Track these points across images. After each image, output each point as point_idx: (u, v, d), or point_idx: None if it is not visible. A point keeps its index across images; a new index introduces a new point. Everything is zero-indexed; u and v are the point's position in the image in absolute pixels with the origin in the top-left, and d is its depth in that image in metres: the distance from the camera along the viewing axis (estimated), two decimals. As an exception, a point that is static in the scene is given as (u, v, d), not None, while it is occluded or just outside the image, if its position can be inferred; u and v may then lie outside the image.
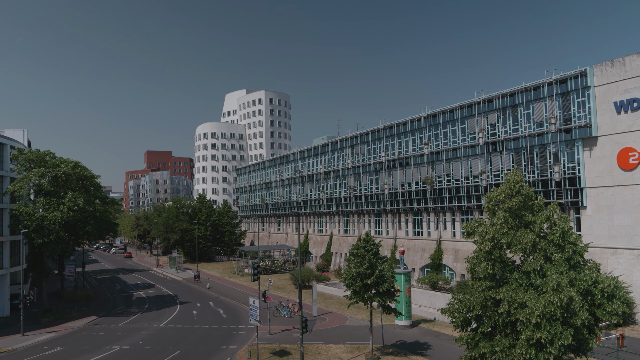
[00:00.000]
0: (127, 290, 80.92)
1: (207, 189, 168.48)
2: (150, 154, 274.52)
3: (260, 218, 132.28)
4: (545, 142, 58.16)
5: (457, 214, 70.61)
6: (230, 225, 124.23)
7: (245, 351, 41.25)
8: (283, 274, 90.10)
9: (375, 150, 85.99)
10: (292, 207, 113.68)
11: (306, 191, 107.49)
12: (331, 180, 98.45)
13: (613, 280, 47.11)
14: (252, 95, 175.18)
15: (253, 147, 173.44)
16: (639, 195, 50.25)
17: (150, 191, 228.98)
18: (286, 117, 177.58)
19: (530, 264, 26.35)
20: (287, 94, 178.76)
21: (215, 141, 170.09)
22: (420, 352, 40.75)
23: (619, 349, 38.68)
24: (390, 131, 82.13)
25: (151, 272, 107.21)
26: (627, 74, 51.16)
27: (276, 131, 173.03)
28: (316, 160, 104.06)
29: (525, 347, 24.25)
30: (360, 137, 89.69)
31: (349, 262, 41.41)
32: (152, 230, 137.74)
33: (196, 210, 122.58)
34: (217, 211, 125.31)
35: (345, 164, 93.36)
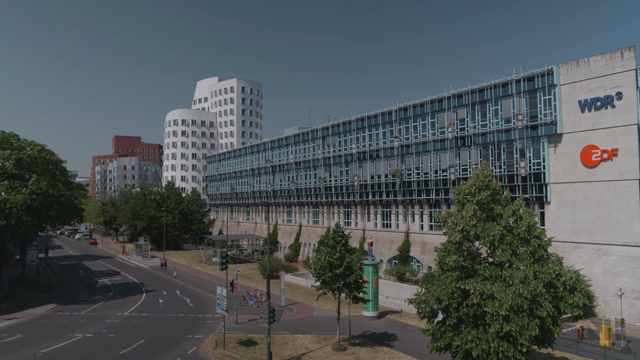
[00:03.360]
0: (92, 277, 79.43)
1: (176, 177, 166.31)
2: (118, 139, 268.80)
3: (230, 207, 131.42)
4: (512, 138, 59.33)
5: (426, 207, 71.54)
6: (199, 214, 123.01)
7: (212, 340, 41.05)
8: (251, 263, 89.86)
9: (346, 142, 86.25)
10: (261, 196, 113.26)
11: (276, 181, 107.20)
12: (301, 170, 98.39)
13: (575, 273, 48.63)
14: (224, 83, 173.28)
15: (224, 136, 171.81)
16: (600, 192, 51.84)
17: (117, 177, 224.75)
18: (258, 106, 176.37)
19: (499, 256, 26.96)
20: (259, 83, 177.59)
21: (186, 128, 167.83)
22: (386, 342, 41.27)
23: (579, 340, 40.08)
24: (362, 123, 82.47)
25: (117, 259, 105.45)
26: (591, 74, 52.52)
27: (247, 120, 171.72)
28: (287, 151, 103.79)
29: (495, 340, 24.84)
30: (332, 129, 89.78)
31: (318, 253, 41.54)
32: (119, 217, 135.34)
33: (164, 197, 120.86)
34: (185, 199, 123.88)
35: (316, 155, 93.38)
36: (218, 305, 39.98)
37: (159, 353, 38.10)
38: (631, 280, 48.09)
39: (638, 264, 48.30)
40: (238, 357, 36.52)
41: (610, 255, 50.54)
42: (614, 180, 50.76)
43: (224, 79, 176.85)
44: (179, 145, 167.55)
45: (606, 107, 51.34)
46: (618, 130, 50.44)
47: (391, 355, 37.73)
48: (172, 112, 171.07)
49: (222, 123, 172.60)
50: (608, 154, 51.09)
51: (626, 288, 47.77)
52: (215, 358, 36.87)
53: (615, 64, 50.72)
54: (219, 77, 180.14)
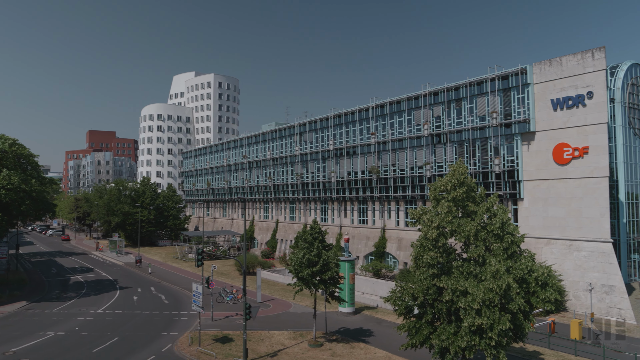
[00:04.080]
0: (64, 274, 78.03)
1: (151, 172, 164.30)
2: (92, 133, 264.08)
3: (206, 203, 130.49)
4: (486, 135, 60.16)
5: (402, 203, 72.12)
6: (174, 210, 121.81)
7: (187, 337, 40.75)
8: (227, 260, 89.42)
9: (323, 139, 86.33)
10: (238, 192, 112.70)
11: (253, 177, 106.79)
12: (278, 166, 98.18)
13: (546, 269, 49.61)
14: (201, 78, 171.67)
15: (200, 131, 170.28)
16: (571, 189, 52.98)
17: (91, 172, 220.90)
18: (235, 102, 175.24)
19: (472, 252, 27.35)
20: (236, 79, 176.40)
21: (162, 123, 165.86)
22: (362, 338, 41.54)
23: (551, 334, 40.96)
24: (339, 120, 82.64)
25: (90, 255, 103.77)
26: (563, 73, 53.56)
27: (224, 115, 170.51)
28: (264, 147, 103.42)
29: (468, 334, 25.24)
30: (309, 125, 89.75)
31: (295, 249, 41.56)
32: (92, 213, 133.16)
33: (139, 193, 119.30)
34: (161, 195, 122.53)
35: (293, 151, 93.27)
36: (194, 302, 39.68)
37: (133, 350, 37.68)
38: (600, 275, 49.30)
39: (607, 259, 49.54)
40: (214, 354, 36.35)
41: (580, 251, 51.71)
42: (584, 177, 51.91)
43: (201, 73, 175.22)
44: (154, 140, 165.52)
45: (577, 106, 52.43)
46: (589, 128, 51.57)
47: (367, 351, 37.99)
48: (147, 106, 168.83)
49: (198, 118, 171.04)
50: (579, 152, 52.22)
51: (596, 283, 48.97)
52: (190, 355, 36.62)
53: (587, 64, 51.80)
54: (195, 72, 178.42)
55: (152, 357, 36.12)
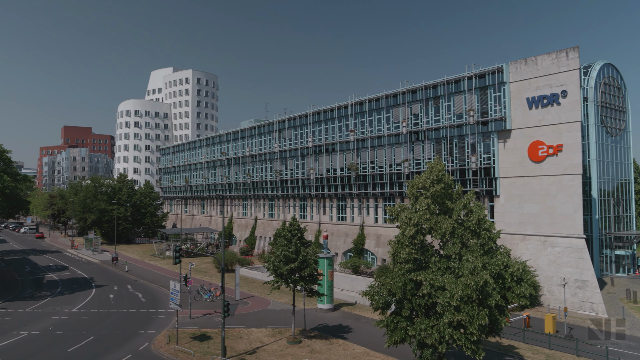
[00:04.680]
0: (38, 272, 76.61)
1: (128, 169, 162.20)
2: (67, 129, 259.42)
3: (184, 200, 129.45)
4: (464, 133, 60.85)
5: (380, 200, 72.54)
6: (152, 207, 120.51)
7: (165, 336, 40.42)
8: (206, 257, 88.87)
9: (303, 135, 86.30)
10: (216, 189, 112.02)
11: (232, 174, 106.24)
12: (257, 163, 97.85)
13: (521, 264, 50.48)
14: (179, 73, 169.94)
15: (178, 127, 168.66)
16: (546, 186, 53.95)
17: (66, 168, 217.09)
18: (213, 98, 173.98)
19: (450, 248, 27.70)
20: (215, 75, 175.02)
21: (139, 119, 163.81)
22: (341, 335, 41.72)
23: (526, 329, 41.72)
24: (318, 117, 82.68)
25: (65, 253, 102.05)
26: (538, 72, 54.44)
27: (203, 112, 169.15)
28: (243, 143, 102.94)
29: (448, 329, 25.57)
30: (288, 122, 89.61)
31: (274, 246, 41.51)
32: (68, 210, 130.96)
33: (116, 190, 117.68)
34: (138, 192, 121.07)
35: (272, 148, 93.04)
36: (171, 299, 39.37)
37: (109, 350, 37.22)
38: (574, 270, 50.34)
39: (580, 255, 50.60)
40: (191, 352, 36.13)
41: (555, 247, 52.72)
42: (558, 174, 52.91)
43: (179, 69, 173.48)
44: (131, 136, 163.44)
45: (552, 105, 53.35)
46: (563, 126, 52.54)
47: (345, 347, 38.18)
48: (124, 102, 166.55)
49: (176, 114, 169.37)
50: (554, 150, 53.17)
51: (569, 278, 49.99)
52: (168, 354, 36.33)
53: (561, 64, 52.73)
54: (173, 68, 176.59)
55: (128, 356, 35.73)
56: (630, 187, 73.95)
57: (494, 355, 36.17)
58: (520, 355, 36.39)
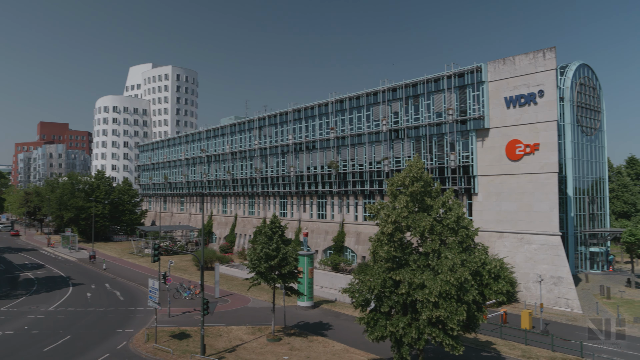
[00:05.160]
0: (13, 270, 75.20)
1: (106, 165, 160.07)
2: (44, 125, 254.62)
3: (163, 197, 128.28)
4: (443, 131, 61.40)
5: (360, 198, 72.84)
6: (130, 204, 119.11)
7: (143, 334, 40.07)
8: (185, 255, 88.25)
9: (283, 133, 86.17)
10: (196, 186, 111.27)
11: (211, 171, 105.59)
12: (237, 161, 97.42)
13: (499, 261, 51.05)
14: (159, 69, 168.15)
15: (157, 124, 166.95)
16: (523, 184, 54.78)
17: (43, 165, 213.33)
18: (193, 95, 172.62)
19: (428, 246, 27.97)
20: (195, 71, 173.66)
21: (117, 115, 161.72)
22: (321, 332, 41.86)
23: (503, 325, 42.40)
24: (298, 114, 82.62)
25: (41, 251, 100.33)
26: (516, 72, 55.20)
27: (182, 108, 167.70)
28: (223, 140, 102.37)
29: (427, 326, 25.84)
30: (269, 119, 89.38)
31: (254, 243, 41.43)
32: (44, 207, 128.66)
33: (94, 187, 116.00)
34: (116, 189, 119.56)
35: (252, 145, 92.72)
36: (150, 298, 39.02)
37: (86, 349, 36.77)
38: (550, 267, 51.25)
39: (555, 252, 51.53)
40: (170, 350, 35.90)
41: (531, 244, 53.58)
42: (535, 173, 53.76)
43: (158, 65, 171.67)
44: (109, 133, 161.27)
45: (529, 104, 54.16)
46: (540, 126, 53.38)
47: (325, 344, 38.32)
48: (102, 98, 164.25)
49: (155, 111, 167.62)
50: (531, 148, 53.99)
51: (545, 274, 50.88)
52: (146, 352, 36.04)
53: (538, 64, 53.53)
54: (153, 64, 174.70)
55: (106, 355, 35.36)
56: (604, 185, 75.51)
57: (471, 351, 36.68)
58: (497, 350, 36.95)
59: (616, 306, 49.58)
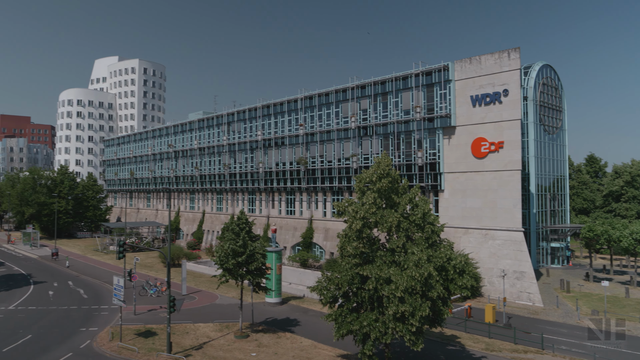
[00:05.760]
0: (-29, 270, 72.87)
1: (70, 160, 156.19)
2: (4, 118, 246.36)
3: (129, 193, 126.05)
4: (410, 129, 62.16)
5: (329, 194, 73.15)
6: (95, 200, 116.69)
7: (108, 333, 39.40)
8: (151, 252, 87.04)
9: (252, 129, 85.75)
10: (163, 182, 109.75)
11: (179, 167, 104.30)
12: (205, 156, 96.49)
13: (464, 257, 52.28)
14: (125, 63, 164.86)
15: (123, 118, 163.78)
16: (487, 181, 55.96)
17: (3, 159, 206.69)
18: (161, 89, 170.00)
19: (395, 242, 28.33)
20: (162, 65, 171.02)
21: (82, 109, 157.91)
22: (289, 328, 41.95)
23: (467, 319, 43.31)
24: (268, 110, 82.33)
25: (1, 249, 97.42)
26: (482, 71, 56.27)
27: (149, 103, 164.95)
28: (191, 136, 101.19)
29: (392, 321, 26.19)
30: (237, 115, 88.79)
31: (222, 240, 41.16)
32: (4, 203, 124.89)
33: (57, 182, 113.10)
34: (81, 184, 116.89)
35: (221, 141, 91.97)
36: (115, 295, 38.37)
37: (48, 349, 35.93)
38: (513, 262, 52.56)
39: (518, 247, 52.86)
40: (136, 349, 35.42)
41: (495, 240, 54.83)
42: (499, 170, 54.98)
43: (125, 58, 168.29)
44: (73, 127, 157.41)
45: (494, 103, 55.30)
46: (504, 124, 54.59)
47: (293, 340, 38.44)
48: (66, 91, 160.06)
49: (121, 105, 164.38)
50: (495, 146, 55.18)
51: (508, 269, 52.16)
52: (111, 351, 35.47)
53: (503, 63, 54.69)
54: (119, 57, 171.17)
55: (68, 355, 34.63)
56: (565, 182, 77.81)
57: (437, 345, 37.38)
58: (462, 344, 37.74)
59: (575, 299, 51.28)
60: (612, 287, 58.51)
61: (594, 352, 34.95)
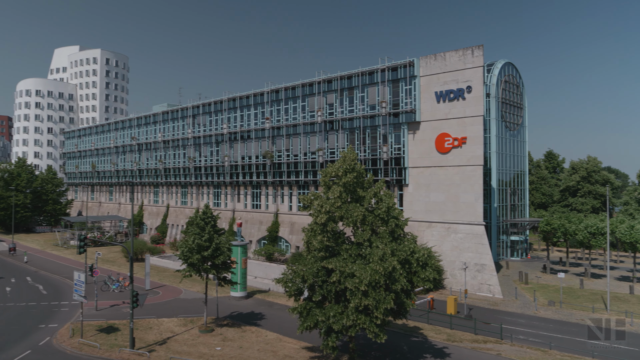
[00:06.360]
0: None
1: (28, 152, 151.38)
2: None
3: (91, 187, 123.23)
4: (376, 124, 62.76)
5: (295, 188, 73.23)
6: (54, 194, 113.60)
7: (68, 329, 38.59)
8: (114, 246, 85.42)
9: (217, 122, 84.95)
10: (126, 175, 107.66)
11: (142, 160, 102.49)
12: (170, 149, 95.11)
13: (427, 250, 53.21)
14: (86, 53, 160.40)
15: (85, 110, 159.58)
16: (450, 176, 57.06)
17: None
18: (124, 80, 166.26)
19: (360, 236, 28.68)
20: (126, 56, 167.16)
21: (41, 100, 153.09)
22: (254, 322, 41.97)
23: (430, 310, 44.22)
24: (233, 103, 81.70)
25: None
26: (446, 68, 57.21)
27: (112, 94, 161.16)
28: (155, 128, 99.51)
29: (354, 313, 26.53)
30: (203, 107, 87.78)
31: (186, 234, 40.77)
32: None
33: (14, 175, 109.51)
34: (39, 177, 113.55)
35: (186, 134, 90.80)
36: (75, 291, 37.59)
37: (4, 346, 34.95)
38: (474, 255, 53.85)
39: (479, 240, 54.17)
40: (97, 345, 34.84)
41: (457, 233, 56.02)
42: (462, 165, 56.14)
43: (86, 48, 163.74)
44: (32, 118, 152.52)
45: (458, 99, 56.35)
46: (467, 120, 55.71)
47: (258, 334, 38.49)
48: (24, 81, 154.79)
49: (83, 96, 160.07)
50: (458, 142, 56.28)
51: (469, 262, 53.42)
52: (71, 348, 34.77)
53: (467, 60, 55.74)
54: (80, 46, 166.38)
55: (27, 352, 33.78)
56: (524, 178, 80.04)
57: (400, 337, 38.06)
58: (424, 335, 38.55)
59: (533, 291, 52.97)
60: (567, 278, 60.63)
61: (549, 341, 36.28)
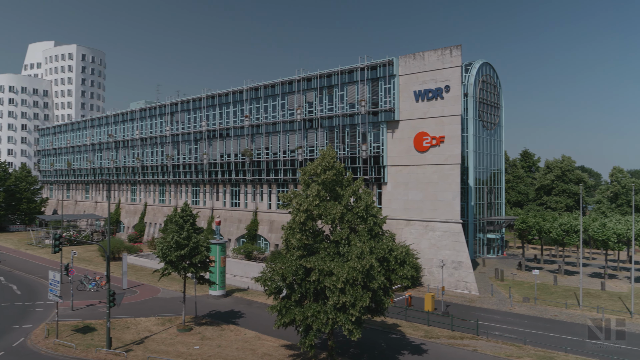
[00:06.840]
0: None
1: (1, 150, 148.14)
2: None
3: (66, 185, 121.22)
4: (355, 122, 63.04)
5: (274, 187, 73.14)
6: (29, 192, 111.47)
7: (43, 330, 37.98)
8: (90, 245, 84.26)
9: (196, 119, 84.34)
10: (103, 173, 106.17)
11: (119, 157, 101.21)
12: (148, 147, 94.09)
13: (405, 248, 53.54)
14: (62, 48, 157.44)
15: (60, 106, 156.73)
16: (429, 174, 57.64)
17: None
18: (100, 77, 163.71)
19: (338, 234, 28.83)
20: (102, 52, 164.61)
21: (14, 96, 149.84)
22: (233, 320, 41.88)
23: (408, 307, 44.69)
24: (212, 101, 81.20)
25: None
26: (425, 67, 57.74)
27: (88, 91, 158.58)
28: (132, 126, 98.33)
29: (332, 311, 26.68)
30: (181, 105, 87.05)
31: (165, 232, 40.46)
32: None
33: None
34: (13, 175, 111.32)
35: (164, 132, 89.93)
36: (50, 291, 37.00)
37: (-22, 347, 34.30)
38: (451, 253, 54.51)
39: (457, 238, 54.86)
40: (73, 345, 34.38)
41: (435, 231, 56.63)
42: (440, 164, 56.74)
43: (62, 44, 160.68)
44: (5, 114, 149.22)
45: (436, 98, 56.92)
46: (445, 119, 56.32)
47: (237, 333, 38.42)
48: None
49: (58, 92, 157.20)
50: (437, 141, 56.87)
51: (447, 259, 54.07)
52: (46, 348, 34.25)
53: (445, 60, 56.33)
54: (55, 42, 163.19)
55: (0, 354, 33.17)
56: (501, 176, 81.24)
57: (379, 334, 38.39)
58: (402, 332, 38.94)
59: (508, 287, 53.87)
60: (542, 275, 61.78)
61: (524, 337, 36.98)
